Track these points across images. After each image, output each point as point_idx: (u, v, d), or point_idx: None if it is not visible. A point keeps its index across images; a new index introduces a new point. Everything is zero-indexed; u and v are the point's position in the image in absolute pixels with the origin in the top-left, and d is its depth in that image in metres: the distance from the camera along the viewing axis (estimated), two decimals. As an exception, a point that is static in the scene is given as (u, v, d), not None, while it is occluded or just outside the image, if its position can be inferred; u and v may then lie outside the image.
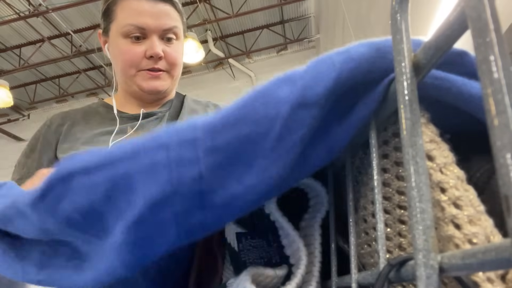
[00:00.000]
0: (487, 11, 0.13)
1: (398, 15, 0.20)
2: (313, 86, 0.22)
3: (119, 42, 0.73)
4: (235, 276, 0.32)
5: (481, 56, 0.13)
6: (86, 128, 0.74)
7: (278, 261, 0.31)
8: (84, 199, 0.23)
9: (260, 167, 0.22)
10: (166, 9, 0.73)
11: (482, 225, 0.18)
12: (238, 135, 0.22)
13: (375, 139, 0.24)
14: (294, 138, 0.22)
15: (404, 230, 0.24)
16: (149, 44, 0.72)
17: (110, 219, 0.24)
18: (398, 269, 0.19)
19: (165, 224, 0.22)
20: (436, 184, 0.20)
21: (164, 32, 0.73)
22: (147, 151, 0.23)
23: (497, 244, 0.12)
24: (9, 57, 5.52)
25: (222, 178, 0.22)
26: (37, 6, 4.61)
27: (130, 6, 0.71)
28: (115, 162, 0.23)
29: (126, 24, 0.71)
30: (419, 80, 0.19)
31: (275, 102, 0.22)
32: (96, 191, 0.23)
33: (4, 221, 0.28)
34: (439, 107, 0.23)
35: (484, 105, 0.12)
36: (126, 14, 0.71)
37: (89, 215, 0.24)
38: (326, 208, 0.31)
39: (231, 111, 0.23)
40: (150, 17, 0.71)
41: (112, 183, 0.23)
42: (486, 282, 0.17)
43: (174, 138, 0.23)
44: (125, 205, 0.23)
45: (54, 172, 0.24)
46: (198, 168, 0.22)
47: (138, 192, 0.22)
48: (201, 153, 0.22)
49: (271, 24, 5.95)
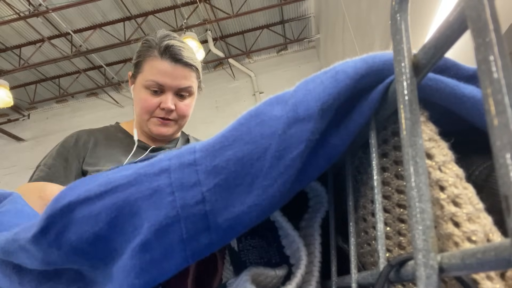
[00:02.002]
0: (487, 11, 0.13)
1: (398, 15, 0.20)
2: (304, 102, 0.22)
3: (141, 91, 0.90)
4: (235, 276, 0.32)
5: (481, 56, 0.13)
6: (108, 149, 0.90)
7: (278, 261, 0.31)
8: (88, 228, 0.23)
9: (261, 186, 0.22)
10: (185, 72, 0.89)
11: (481, 223, 0.18)
12: (236, 154, 0.22)
13: (375, 139, 0.24)
14: (293, 155, 0.22)
15: (403, 229, 0.24)
16: (164, 98, 0.88)
17: (117, 244, 0.24)
18: (398, 269, 0.19)
19: (171, 247, 0.23)
20: (435, 182, 0.20)
21: (179, 90, 0.90)
22: (149, 176, 0.23)
23: (497, 244, 0.12)
24: (9, 57, 5.52)
25: (224, 200, 0.22)
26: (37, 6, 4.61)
27: (155, 65, 0.87)
28: (116, 189, 0.23)
29: (149, 79, 0.87)
30: (419, 80, 0.19)
31: (269, 121, 0.23)
32: (100, 219, 0.23)
33: (7, 254, 0.28)
34: (431, 110, 0.23)
35: (484, 105, 0.12)
36: (151, 71, 0.88)
37: (96, 242, 0.24)
38: (326, 208, 0.31)
39: (227, 132, 0.23)
40: (169, 77, 0.87)
41: (115, 210, 0.23)
42: (485, 280, 0.17)
43: (175, 162, 0.23)
44: (131, 229, 0.23)
45: (52, 206, 0.24)
46: (201, 191, 0.22)
47: (142, 217, 0.23)
48: (202, 176, 0.22)
49: (271, 24, 5.95)
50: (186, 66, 0.89)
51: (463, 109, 0.23)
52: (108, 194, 0.23)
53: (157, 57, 0.88)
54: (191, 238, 0.22)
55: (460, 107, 0.23)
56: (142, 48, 0.91)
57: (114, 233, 0.23)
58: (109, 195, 0.23)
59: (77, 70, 6.00)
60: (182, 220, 0.22)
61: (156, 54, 0.88)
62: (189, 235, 0.22)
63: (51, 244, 0.24)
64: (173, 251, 0.23)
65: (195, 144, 0.24)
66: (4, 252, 0.27)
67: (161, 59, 0.87)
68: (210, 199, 0.22)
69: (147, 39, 0.91)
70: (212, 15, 5.32)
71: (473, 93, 0.23)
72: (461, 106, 0.23)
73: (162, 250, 0.23)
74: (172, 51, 0.87)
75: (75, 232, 0.24)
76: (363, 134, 0.25)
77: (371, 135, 0.24)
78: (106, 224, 0.23)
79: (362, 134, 0.26)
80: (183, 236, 0.22)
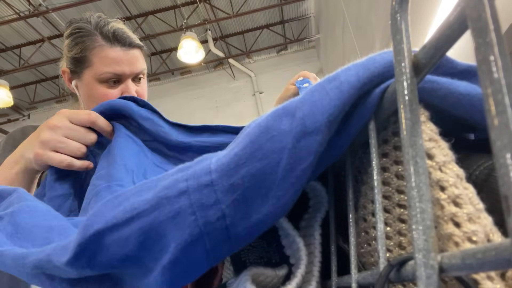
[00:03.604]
0: (487, 11, 0.13)
1: (398, 15, 0.20)
2: (310, 115, 0.24)
3: (95, 86, 0.79)
4: (235, 276, 0.32)
5: (481, 56, 0.13)
6: None
7: (278, 261, 0.31)
8: (118, 250, 0.25)
9: (275, 196, 0.24)
10: (137, 55, 0.81)
11: (481, 223, 0.18)
12: (250, 171, 0.24)
13: (375, 139, 0.24)
14: (303, 166, 0.23)
15: (404, 229, 0.24)
16: (124, 88, 0.80)
17: (148, 262, 0.26)
18: (398, 269, 0.19)
19: (197, 260, 0.25)
20: (436, 182, 0.20)
21: (136, 75, 0.82)
22: (170, 200, 0.25)
23: (497, 244, 0.12)
24: (9, 57, 5.52)
25: (242, 212, 0.24)
26: (37, 6, 4.61)
27: (107, 55, 0.78)
28: (142, 214, 0.25)
29: (104, 72, 0.77)
30: (419, 80, 0.19)
31: (279, 136, 0.24)
32: (128, 243, 0.25)
33: (40, 269, 0.29)
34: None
35: (484, 105, 0.12)
36: (103, 62, 0.78)
37: (126, 261, 0.26)
38: (326, 208, 0.31)
39: (240, 150, 0.24)
40: (125, 64, 0.79)
41: (142, 234, 0.25)
42: (486, 280, 0.17)
43: (192, 183, 0.25)
44: (158, 249, 0.25)
45: (81, 233, 0.26)
46: (220, 208, 0.24)
47: (168, 238, 0.24)
48: (220, 194, 0.24)
49: (271, 24, 5.94)
50: (137, 47, 0.81)
51: (459, 107, 0.24)
52: (134, 220, 0.25)
53: (105, 46, 0.77)
54: (213, 249, 0.24)
55: (457, 106, 0.24)
56: (79, 39, 0.79)
57: (143, 254, 0.25)
58: (135, 220, 0.25)
59: (77, 70, 5.99)
60: (205, 235, 0.24)
61: (103, 43, 0.77)
62: (212, 247, 0.24)
63: (84, 266, 0.26)
64: (198, 262, 0.25)
65: (210, 163, 0.25)
66: (37, 268, 0.29)
67: (110, 46, 0.77)
68: (229, 214, 0.24)
69: (80, 26, 0.79)
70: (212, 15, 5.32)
71: (468, 90, 0.24)
72: (458, 104, 0.24)
73: (189, 263, 0.25)
74: (120, 34, 0.78)
75: (106, 255, 0.26)
76: (363, 134, 0.25)
77: (371, 135, 0.24)
78: (135, 246, 0.25)
79: (362, 134, 0.26)
80: (207, 248, 0.24)
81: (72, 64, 0.81)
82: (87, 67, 0.79)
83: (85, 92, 0.81)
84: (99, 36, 0.78)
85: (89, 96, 0.81)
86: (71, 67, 0.82)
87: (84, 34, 0.78)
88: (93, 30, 0.78)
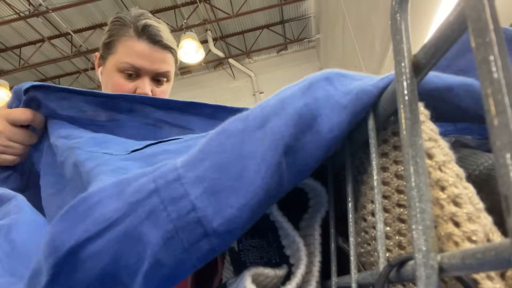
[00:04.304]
0: (487, 11, 0.13)
1: (398, 15, 0.20)
2: (271, 116, 0.25)
3: (114, 74, 0.79)
4: (235, 276, 0.32)
5: (481, 56, 0.13)
6: None
7: (278, 261, 0.31)
8: (95, 265, 0.25)
9: (243, 187, 0.24)
10: (163, 56, 0.80)
11: (481, 222, 0.18)
12: (214, 163, 0.24)
13: (375, 139, 0.24)
14: (265, 156, 0.24)
15: (403, 229, 0.24)
16: (140, 83, 0.79)
17: (126, 275, 0.25)
18: (398, 269, 0.19)
19: (178, 259, 0.24)
20: (436, 182, 0.20)
21: (157, 75, 0.81)
22: (141, 203, 0.25)
23: (497, 244, 0.12)
24: (9, 57, 5.52)
25: (213, 205, 0.24)
26: (37, 6, 4.61)
27: (131, 46, 0.78)
28: (116, 223, 0.25)
29: (124, 62, 0.78)
30: (419, 80, 0.19)
31: (233, 134, 0.25)
32: (104, 255, 0.25)
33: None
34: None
35: (484, 105, 0.12)
36: (126, 52, 0.78)
37: (104, 279, 0.25)
38: (326, 208, 0.31)
39: (203, 146, 0.25)
40: (147, 60, 0.78)
41: (118, 242, 0.24)
42: (485, 280, 0.17)
43: (160, 181, 0.25)
44: (136, 256, 0.24)
45: (53, 254, 0.25)
46: (189, 200, 0.24)
47: (145, 241, 0.24)
48: (188, 187, 0.24)
49: (271, 24, 5.95)
50: (165, 48, 0.80)
51: (454, 97, 0.24)
52: (108, 230, 0.25)
53: (133, 37, 0.78)
54: (192, 246, 0.24)
55: (453, 98, 0.24)
56: (114, 27, 0.80)
57: (121, 265, 0.25)
58: (109, 230, 0.25)
59: (77, 70, 6.01)
60: (179, 230, 0.23)
61: (132, 34, 0.78)
62: (190, 244, 0.24)
63: (63, 286, 0.26)
64: (180, 262, 0.24)
65: (175, 162, 0.26)
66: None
67: (138, 39, 0.78)
68: (200, 206, 0.24)
69: (120, 16, 0.81)
70: (212, 15, 5.33)
71: (459, 80, 0.24)
72: (453, 96, 0.24)
73: (171, 264, 0.24)
74: (151, 31, 0.78)
75: (83, 273, 0.25)
76: (363, 134, 0.25)
77: (370, 135, 0.24)
78: (111, 259, 0.25)
79: (362, 134, 0.26)
80: (185, 245, 0.24)
81: (102, 50, 0.83)
82: (112, 54, 0.80)
83: (105, 79, 0.82)
84: (132, 27, 0.79)
85: (107, 83, 0.82)
86: (101, 52, 0.84)
87: (120, 23, 0.80)
88: (129, 22, 0.79)
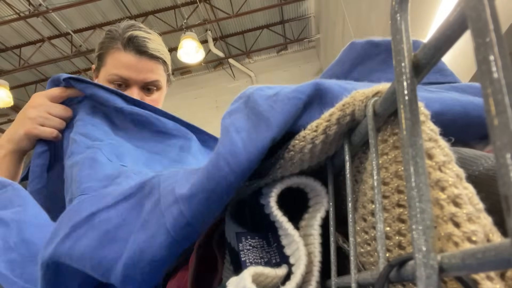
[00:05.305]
0: (487, 11, 0.13)
1: (398, 15, 0.20)
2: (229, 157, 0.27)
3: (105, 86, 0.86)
4: (235, 276, 0.32)
5: (481, 56, 0.13)
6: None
7: (278, 261, 0.31)
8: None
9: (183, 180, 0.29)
10: (151, 65, 0.83)
11: (481, 223, 0.18)
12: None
13: (375, 139, 0.24)
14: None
15: (403, 229, 0.24)
16: (129, 93, 0.81)
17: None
18: (398, 269, 0.19)
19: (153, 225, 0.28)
20: (435, 182, 0.20)
21: (146, 84, 0.84)
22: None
23: (497, 244, 0.12)
24: (9, 57, 5.52)
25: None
26: (37, 6, 4.61)
27: (118, 58, 0.81)
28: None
29: (112, 73, 0.81)
30: (419, 80, 0.19)
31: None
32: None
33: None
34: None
35: (484, 105, 0.12)
36: (113, 64, 0.82)
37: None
38: (326, 208, 0.31)
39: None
40: (133, 71, 0.81)
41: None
42: (485, 280, 0.17)
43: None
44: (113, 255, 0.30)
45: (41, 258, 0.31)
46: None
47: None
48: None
49: (271, 24, 5.95)
50: (152, 58, 0.83)
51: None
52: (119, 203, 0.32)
53: (120, 49, 0.81)
54: (166, 209, 0.27)
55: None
56: (105, 40, 0.84)
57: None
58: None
59: (77, 70, 6.00)
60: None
61: (119, 46, 0.81)
62: (165, 207, 0.28)
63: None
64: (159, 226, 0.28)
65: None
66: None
67: (124, 51, 0.81)
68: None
69: (111, 29, 0.85)
70: (212, 15, 5.33)
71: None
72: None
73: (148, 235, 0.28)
74: (136, 42, 0.81)
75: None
76: (363, 134, 0.26)
77: (371, 135, 0.24)
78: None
79: (362, 134, 0.26)
80: (162, 208, 0.28)
81: (96, 62, 0.88)
82: (103, 66, 0.84)
83: None
84: (119, 40, 0.82)
85: None
86: (96, 65, 0.88)
87: (110, 36, 0.83)
88: (118, 34, 0.83)
